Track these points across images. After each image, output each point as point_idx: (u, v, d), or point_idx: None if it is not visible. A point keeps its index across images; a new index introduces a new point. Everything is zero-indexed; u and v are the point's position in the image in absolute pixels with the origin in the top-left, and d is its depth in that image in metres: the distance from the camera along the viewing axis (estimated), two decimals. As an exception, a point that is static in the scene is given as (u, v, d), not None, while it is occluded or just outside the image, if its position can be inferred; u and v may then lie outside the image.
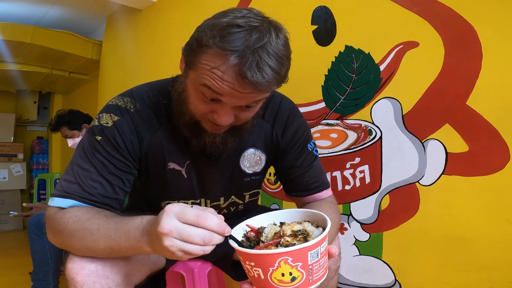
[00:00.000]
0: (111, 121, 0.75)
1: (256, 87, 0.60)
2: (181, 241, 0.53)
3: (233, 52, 0.58)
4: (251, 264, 0.54)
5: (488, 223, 1.02)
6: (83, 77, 3.58)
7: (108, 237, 0.63)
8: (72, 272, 0.66)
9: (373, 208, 1.27)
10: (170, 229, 0.53)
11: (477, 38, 1.04)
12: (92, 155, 0.73)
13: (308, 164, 0.90)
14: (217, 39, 0.58)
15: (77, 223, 0.65)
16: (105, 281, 0.67)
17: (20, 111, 4.38)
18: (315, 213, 0.63)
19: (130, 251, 0.63)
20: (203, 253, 0.55)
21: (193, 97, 0.68)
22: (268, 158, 0.89)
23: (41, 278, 1.71)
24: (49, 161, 4.41)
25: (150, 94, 0.80)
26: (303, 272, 0.53)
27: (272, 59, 0.59)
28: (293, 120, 0.88)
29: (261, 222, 0.65)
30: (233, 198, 0.92)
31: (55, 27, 2.94)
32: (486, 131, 1.02)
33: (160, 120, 0.79)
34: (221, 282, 1.25)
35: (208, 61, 0.61)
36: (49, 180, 3.31)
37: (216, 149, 0.76)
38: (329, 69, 1.38)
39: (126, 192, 0.77)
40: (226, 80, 0.60)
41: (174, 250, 0.54)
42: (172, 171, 0.82)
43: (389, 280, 1.22)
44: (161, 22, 2.31)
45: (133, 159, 0.77)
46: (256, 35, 0.58)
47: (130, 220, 0.63)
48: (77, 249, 0.67)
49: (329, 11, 1.39)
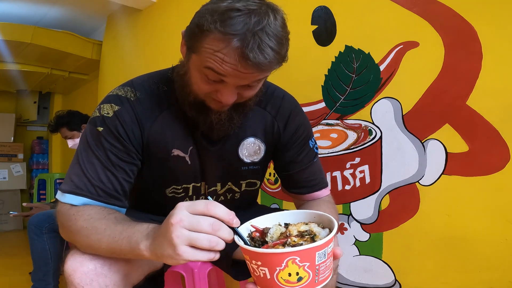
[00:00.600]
0: (111, 111, 0.76)
1: (258, 67, 0.62)
2: (189, 231, 0.53)
3: (235, 36, 0.60)
4: (258, 264, 0.54)
5: (488, 223, 1.02)
6: (83, 77, 3.59)
7: (112, 238, 0.64)
8: (70, 270, 0.67)
9: (373, 208, 1.27)
10: (180, 217, 0.53)
11: (477, 38, 1.04)
12: (96, 147, 0.74)
13: (309, 160, 0.90)
14: (218, 24, 0.61)
15: (88, 221, 0.67)
16: (102, 279, 0.67)
17: (20, 111, 4.38)
18: (321, 215, 0.63)
19: (129, 254, 0.63)
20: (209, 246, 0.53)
21: (196, 78, 0.70)
22: (267, 148, 0.90)
23: (41, 278, 1.71)
24: (49, 161, 4.41)
25: (150, 82, 0.82)
26: (310, 272, 0.53)
27: (272, 40, 0.62)
28: (296, 115, 0.89)
29: (265, 223, 0.65)
30: (229, 185, 0.93)
31: (55, 27, 2.95)
32: (486, 131, 1.02)
33: (161, 107, 0.80)
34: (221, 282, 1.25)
35: (211, 45, 0.63)
36: (49, 180, 3.31)
37: (222, 126, 0.77)
38: (329, 69, 1.38)
39: (131, 183, 0.78)
40: (229, 62, 0.62)
41: (180, 242, 0.53)
42: (176, 157, 0.83)
43: (389, 280, 1.22)
44: (161, 22, 2.31)
45: (135, 148, 0.78)
46: (256, 18, 0.61)
47: (137, 225, 0.64)
48: (81, 245, 0.69)
49: (329, 11, 1.39)
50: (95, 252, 0.68)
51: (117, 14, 2.77)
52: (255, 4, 0.62)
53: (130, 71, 2.57)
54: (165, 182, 0.88)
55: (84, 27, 3.13)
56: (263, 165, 0.94)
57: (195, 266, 0.99)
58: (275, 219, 0.65)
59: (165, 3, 2.28)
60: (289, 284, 0.53)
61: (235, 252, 0.95)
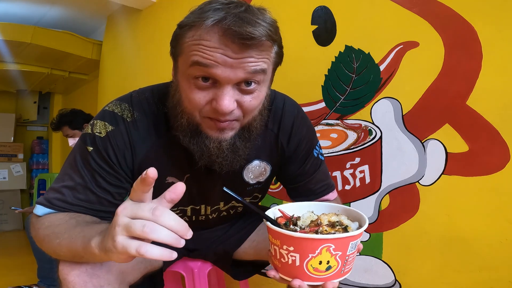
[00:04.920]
0: (104, 131, 0.71)
1: (245, 41, 0.56)
2: (129, 219, 0.48)
3: (214, 19, 0.56)
4: (289, 249, 0.52)
5: (488, 223, 1.02)
6: (83, 77, 3.58)
7: (70, 239, 0.61)
8: (63, 273, 0.66)
9: (373, 208, 1.27)
10: (125, 206, 0.50)
11: (477, 38, 1.04)
12: (82, 166, 0.70)
13: (314, 170, 0.87)
14: (196, 15, 0.59)
15: (48, 228, 0.66)
16: (96, 280, 0.66)
17: (20, 111, 4.38)
18: (348, 209, 0.63)
19: (84, 254, 0.58)
20: (141, 232, 0.46)
21: (186, 90, 0.63)
22: (273, 168, 0.86)
23: (46, 276, 1.71)
24: (49, 161, 4.41)
25: (151, 102, 0.75)
26: (339, 262, 0.53)
27: (256, 15, 0.58)
28: (299, 126, 0.83)
29: (293, 210, 0.65)
30: (233, 203, 0.90)
31: (55, 27, 2.94)
32: (486, 131, 1.02)
33: (158, 131, 0.74)
34: (221, 282, 1.25)
35: (191, 37, 0.60)
36: (49, 180, 3.30)
37: (225, 159, 0.66)
38: (329, 69, 1.38)
39: (116, 205, 0.73)
40: (213, 47, 0.57)
41: (119, 231, 0.48)
42: (171, 184, 0.80)
43: (389, 280, 1.22)
44: (161, 22, 2.31)
45: (125, 173, 0.73)
46: (235, 4, 0.58)
47: (96, 225, 0.61)
48: (49, 252, 0.67)
49: (329, 11, 1.39)
50: (60, 257, 0.66)
51: (117, 14, 2.76)
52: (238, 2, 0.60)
53: (130, 71, 2.57)
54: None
55: (84, 27, 3.13)
56: (268, 184, 0.90)
57: (195, 266, 0.99)
58: (302, 207, 0.65)
59: (165, 3, 2.28)
60: (317, 272, 0.53)
61: (235, 252, 0.95)
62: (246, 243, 0.94)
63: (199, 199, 0.84)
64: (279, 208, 0.64)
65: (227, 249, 0.95)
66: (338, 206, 0.65)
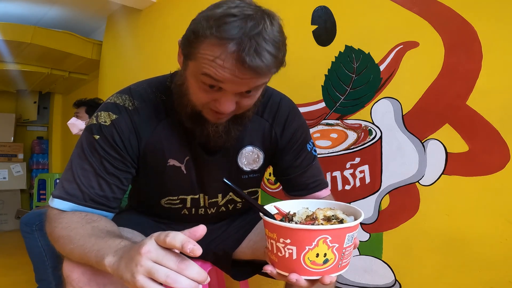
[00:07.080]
0: (109, 119, 0.75)
1: (255, 72, 0.61)
2: (153, 263, 0.51)
3: (231, 40, 0.59)
4: (286, 242, 0.52)
5: (488, 223, 1.02)
6: (83, 77, 3.59)
7: (83, 249, 0.63)
8: (67, 270, 0.67)
9: (373, 208, 1.27)
10: (149, 249, 0.51)
11: (477, 38, 1.04)
12: (90, 154, 0.73)
13: (307, 164, 0.90)
14: (214, 29, 0.60)
15: (65, 229, 0.67)
16: (100, 278, 0.67)
17: (20, 111, 4.39)
18: (343, 204, 0.63)
19: (95, 265, 0.61)
20: (165, 281, 0.50)
21: (193, 87, 0.69)
22: (266, 156, 0.90)
23: (42, 278, 1.71)
24: (49, 161, 4.41)
25: (149, 91, 0.81)
26: (336, 255, 0.53)
27: (269, 44, 0.61)
28: (293, 120, 0.88)
29: (289, 207, 0.65)
30: (231, 195, 0.92)
31: (55, 27, 2.95)
32: (486, 131, 1.02)
33: (158, 116, 0.80)
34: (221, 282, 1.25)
35: (207, 51, 0.62)
36: (49, 180, 3.31)
37: (219, 139, 0.76)
38: (329, 69, 1.38)
39: (124, 191, 0.78)
40: (226, 67, 0.61)
41: (141, 271, 0.51)
42: (172, 167, 0.83)
43: (389, 280, 1.22)
44: (161, 22, 2.31)
45: (131, 158, 0.78)
46: (251, 23, 0.60)
47: (110, 240, 0.62)
48: (59, 251, 0.69)
49: (329, 11, 1.39)
50: (70, 259, 0.68)
51: (117, 14, 2.77)
52: (251, 10, 0.62)
53: (130, 71, 2.57)
54: (160, 193, 0.88)
55: (84, 27, 3.13)
56: (262, 173, 0.94)
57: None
58: (298, 204, 0.66)
59: (165, 3, 2.28)
60: (314, 266, 0.52)
61: (235, 252, 0.95)
62: (244, 242, 0.94)
63: (198, 186, 0.87)
64: (274, 205, 0.64)
65: (227, 249, 0.95)
66: (333, 202, 0.65)
